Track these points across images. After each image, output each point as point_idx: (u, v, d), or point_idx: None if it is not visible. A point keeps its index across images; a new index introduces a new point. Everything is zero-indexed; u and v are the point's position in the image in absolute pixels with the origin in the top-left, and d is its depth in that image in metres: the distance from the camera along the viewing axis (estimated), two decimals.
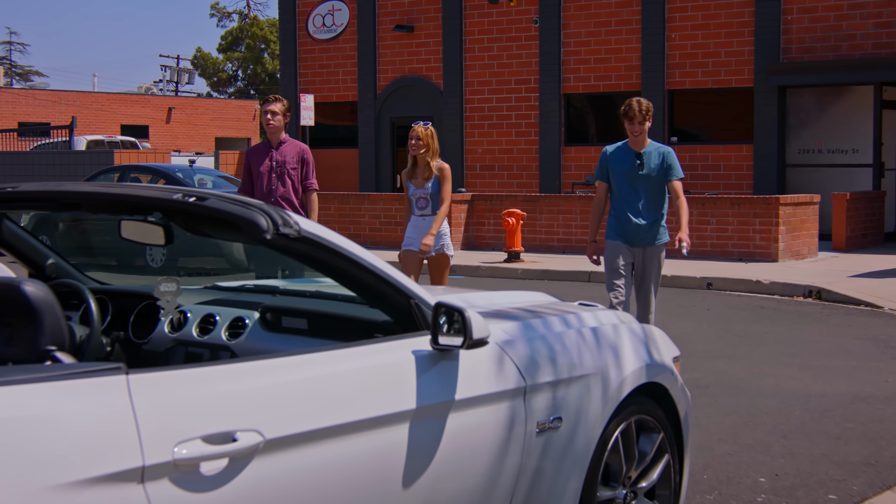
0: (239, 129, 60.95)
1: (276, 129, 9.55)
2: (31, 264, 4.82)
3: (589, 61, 26.02)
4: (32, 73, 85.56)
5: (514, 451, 3.85)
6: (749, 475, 6.27)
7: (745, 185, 24.05)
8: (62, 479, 2.54)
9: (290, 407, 3.14)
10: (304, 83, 30.03)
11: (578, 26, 26.12)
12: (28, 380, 2.64)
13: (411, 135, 9.13)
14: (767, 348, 10.74)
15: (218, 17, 77.48)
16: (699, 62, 24.63)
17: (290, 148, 9.58)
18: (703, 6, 24.67)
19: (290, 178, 9.49)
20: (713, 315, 13.01)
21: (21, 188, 4.07)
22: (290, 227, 3.37)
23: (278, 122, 9.50)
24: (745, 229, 18.56)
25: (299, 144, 9.62)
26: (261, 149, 9.67)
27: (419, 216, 9.36)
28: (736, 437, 7.15)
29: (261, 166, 9.51)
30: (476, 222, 21.37)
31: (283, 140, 9.59)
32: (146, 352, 4.55)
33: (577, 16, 26.17)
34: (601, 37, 25.87)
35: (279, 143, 9.57)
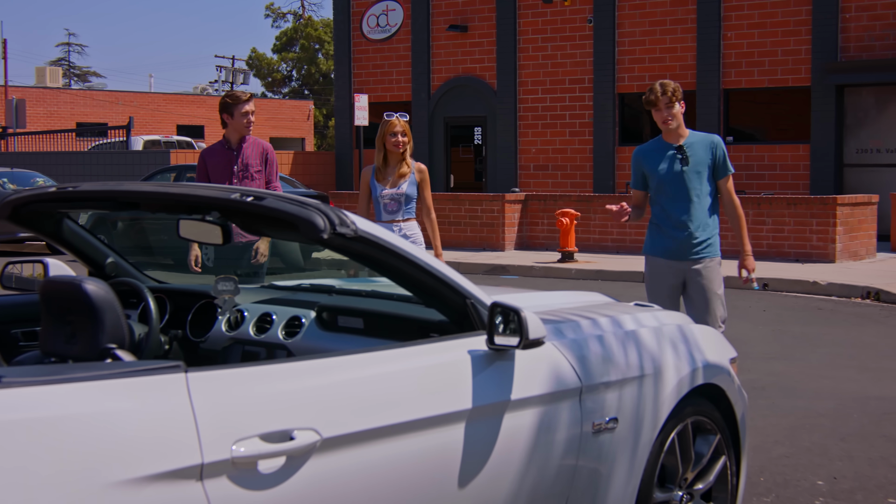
0: (293, 129, 61.28)
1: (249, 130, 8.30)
2: (91, 263, 4.88)
3: (643, 60, 25.89)
4: (90, 74, 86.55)
5: (570, 451, 3.84)
6: (807, 478, 6.21)
7: (802, 185, 23.82)
8: (123, 476, 2.57)
9: (346, 406, 3.15)
10: (357, 83, 30.12)
11: (633, 25, 26.00)
12: (90, 377, 2.67)
13: (392, 129, 7.79)
14: (825, 350, 10.63)
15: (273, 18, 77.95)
16: (755, 61, 24.43)
17: (253, 147, 8.28)
18: (759, 4, 24.47)
19: (253, 181, 8.31)
20: (769, 316, 12.90)
21: (81, 188, 4.11)
22: (346, 226, 3.38)
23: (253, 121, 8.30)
24: (801, 230, 18.38)
25: (262, 143, 8.38)
26: (218, 150, 8.30)
27: (387, 222, 8.01)
28: (793, 439, 7.08)
29: (221, 170, 8.18)
30: (529, 222, 21.33)
31: (243, 139, 8.26)
32: (203, 350, 4.58)
33: (631, 15, 26.05)
34: (656, 36, 25.73)
35: (240, 143, 8.24)
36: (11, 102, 32.71)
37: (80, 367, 2.89)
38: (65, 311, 3.17)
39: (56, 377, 2.64)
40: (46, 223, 4.57)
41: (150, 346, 4.23)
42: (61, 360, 3.26)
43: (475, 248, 21.07)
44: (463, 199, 21.71)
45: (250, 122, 8.17)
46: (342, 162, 30.68)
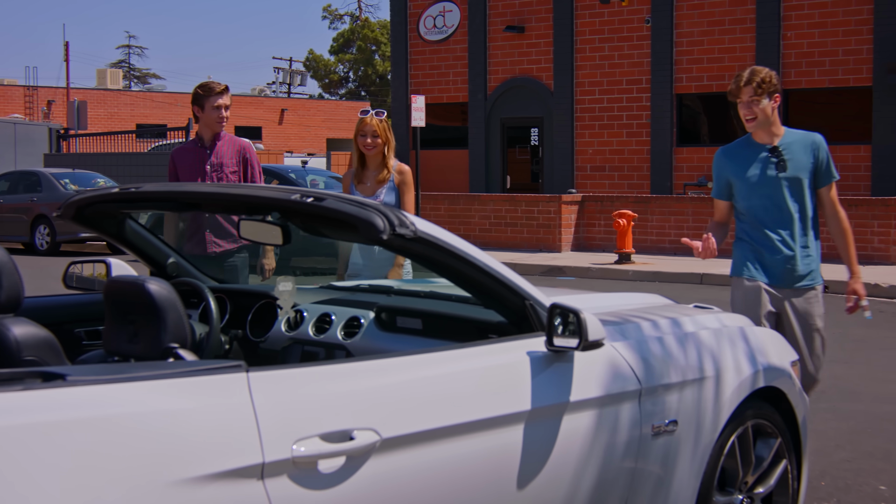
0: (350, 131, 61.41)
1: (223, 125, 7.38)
2: (153, 263, 4.93)
3: (702, 61, 25.72)
4: (150, 76, 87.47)
5: (629, 454, 3.82)
6: (868, 483, 6.13)
7: (863, 186, 23.54)
8: (185, 475, 2.59)
9: (406, 406, 3.15)
10: (414, 84, 30.18)
11: (691, 25, 25.83)
12: (153, 376, 2.70)
13: (363, 129, 6.92)
14: (886, 353, 10.49)
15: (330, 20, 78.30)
16: (815, 61, 24.18)
17: (228, 146, 7.34)
18: (819, 4, 24.22)
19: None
20: (829, 319, 12.71)
21: (144, 188, 4.16)
22: (406, 227, 3.39)
23: (227, 117, 7.32)
24: (862, 231, 18.15)
25: (239, 141, 7.43)
26: (190, 149, 7.39)
27: None
28: (855, 443, 7.00)
29: (192, 170, 7.31)
30: (586, 223, 21.26)
31: (217, 137, 7.32)
32: (263, 350, 4.61)
33: (689, 15, 25.88)
34: (714, 36, 25.55)
35: (213, 141, 7.30)
36: (73, 104, 33.12)
37: (144, 366, 2.91)
38: (128, 310, 3.21)
39: (120, 376, 2.67)
40: (109, 223, 4.63)
41: (211, 345, 4.26)
42: (124, 359, 3.29)
43: (531, 249, 21.03)
44: (519, 201, 21.68)
45: (223, 118, 7.24)
46: None
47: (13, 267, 3.62)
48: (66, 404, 2.49)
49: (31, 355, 3.48)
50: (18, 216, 22.76)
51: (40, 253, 22.01)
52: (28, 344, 3.49)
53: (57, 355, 3.56)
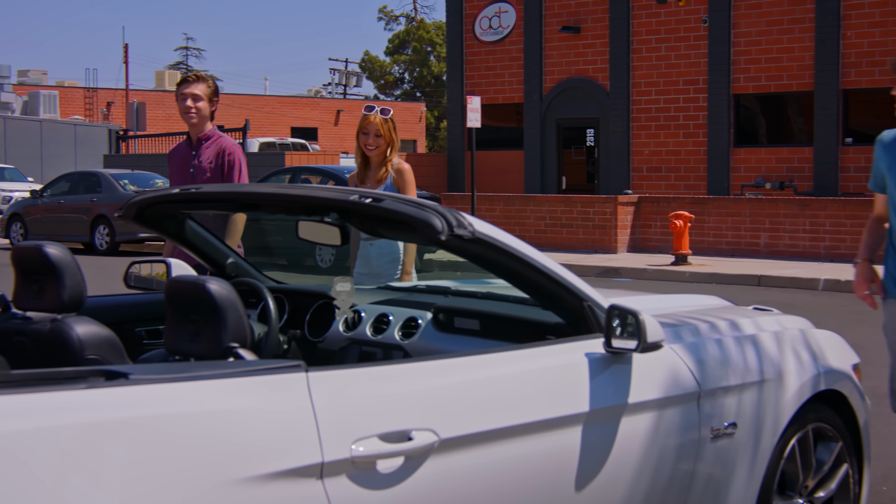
0: (405, 132, 61.63)
1: (199, 120, 6.57)
2: (212, 263, 4.96)
3: (760, 61, 25.50)
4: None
5: (688, 456, 3.79)
6: None
7: None
8: (245, 474, 2.60)
9: (464, 407, 3.15)
10: (470, 85, 30.18)
11: (749, 25, 25.62)
12: (214, 376, 2.72)
13: (366, 127, 6.52)
14: None
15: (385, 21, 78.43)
16: (876, 60, 23.87)
17: (212, 148, 6.60)
18: (880, 2, 23.93)
19: None
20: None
21: (204, 189, 4.19)
22: (464, 228, 3.39)
23: (202, 109, 6.53)
24: None
25: (223, 142, 6.62)
26: (181, 148, 6.81)
27: (364, 239, 6.65)
28: None
29: (179, 172, 6.71)
30: (642, 224, 21.15)
31: (205, 136, 6.62)
32: (321, 350, 4.63)
33: (747, 15, 25.67)
34: (772, 36, 25.32)
35: (199, 142, 6.63)
36: (132, 106, 33.48)
37: (205, 365, 2.93)
38: (189, 310, 3.23)
39: (181, 375, 2.69)
40: (170, 224, 4.67)
41: (270, 345, 4.29)
42: (184, 358, 3.32)
43: (587, 250, 20.96)
44: (575, 201, 21.61)
45: (189, 109, 6.50)
46: (454, 164, 30.77)
47: (76, 267, 3.67)
48: (129, 403, 2.52)
49: (93, 354, 3.53)
50: (79, 216, 23.03)
51: (100, 253, 22.26)
52: (91, 343, 3.54)
53: (119, 354, 3.61)
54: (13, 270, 3.75)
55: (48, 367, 3.28)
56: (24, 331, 3.71)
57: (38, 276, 3.66)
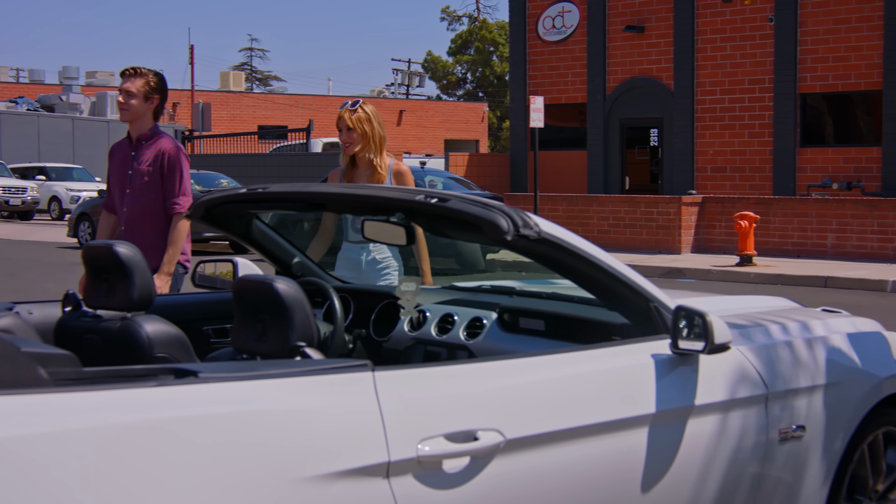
0: (468, 132, 61.66)
1: (134, 117, 6.07)
2: (279, 262, 5.00)
3: (827, 59, 25.19)
4: (272, 78, 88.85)
5: (755, 459, 3.76)
6: None
7: None
8: (313, 472, 2.62)
9: (530, 408, 3.15)
10: (533, 85, 30.13)
11: (816, 24, 25.32)
12: (282, 374, 2.74)
13: (338, 123, 6.11)
14: None
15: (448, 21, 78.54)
16: None
17: (150, 148, 6.10)
18: None
19: (144, 195, 6.08)
20: None
21: (271, 189, 4.22)
22: (530, 228, 3.38)
23: (136, 106, 6.03)
24: None
25: (162, 143, 6.11)
26: (122, 147, 6.27)
27: (354, 243, 6.09)
28: None
29: (117, 172, 6.22)
30: (707, 225, 20.98)
31: (144, 135, 6.11)
32: (386, 350, 4.64)
33: (814, 13, 25.37)
34: (840, 34, 25.00)
35: (139, 141, 6.14)
36: (198, 106, 33.81)
37: (273, 364, 2.96)
38: (257, 309, 3.25)
39: (250, 374, 2.72)
40: (237, 223, 4.71)
41: (335, 344, 4.31)
42: (252, 357, 3.34)
43: (650, 250, 20.84)
44: (639, 202, 21.50)
45: (121, 105, 6.06)
46: (517, 164, 30.74)
47: (145, 266, 3.71)
48: (199, 401, 2.55)
49: (162, 352, 3.57)
50: None
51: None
52: (160, 341, 3.58)
53: (187, 352, 3.64)
54: (84, 269, 3.80)
55: (118, 365, 3.32)
56: (95, 329, 3.76)
57: (108, 275, 3.70)
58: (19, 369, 2.45)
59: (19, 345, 2.56)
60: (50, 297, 5.13)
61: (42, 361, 2.53)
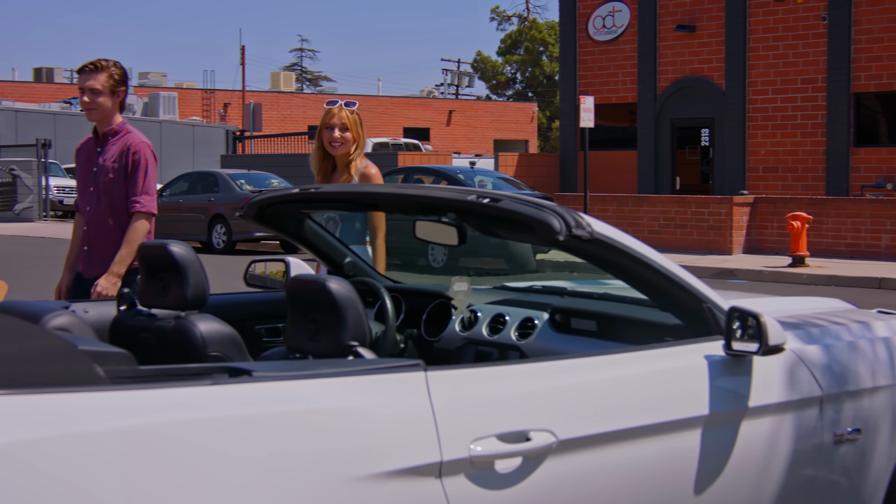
0: (517, 132, 61.59)
1: (102, 115, 5.76)
2: (330, 262, 5.01)
3: (881, 58, 24.91)
4: (322, 79, 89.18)
5: (809, 462, 3.72)
6: None
7: None
8: (365, 471, 2.63)
9: (582, 408, 3.14)
10: (583, 85, 30.05)
11: (871, 22, 25.05)
12: (336, 374, 2.75)
13: (329, 120, 5.81)
14: None
15: (498, 21, 78.48)
16: None
17: (117, 145, 5.79)
18: None
19: (109, 193, 5.75)
20: None
21: (323, 189, 4.24)
22: (582, 228, 3.37)
23: (103, 103, 5.71)
24: None
25: (130, 138, 5.79)
26: (88, 143, 5.99)
27: None
28: None
29: (84, 172, 5.93)
30: (758, 225, 20.82)
31: (111, 131, 5.81)
32: (437, 350, 4.65)
33: (868, 11, 25.10)
34: (895, 33, 24.71)
35: (105, 137, 5.83)
36: (249, 107, 34.06)
37: (326, 363, 2.97)
38: (310, 308, 3.26)
39: (303, 373, 2.73)
40: (289, 223, 4.73)
41: (387, 344, 4.32)
42: (304, 356, 3.36)
43: (701, 251, 20.71)
44: (689, 202, 21.38)
45: (87, 105, 5.72)
46: (566, 164, 30.68)
47: (199, 266, 3.74)
48: (254, 400, 2.56)
49: (215, 351, 3.59)
50: (197, 216, 23.45)
51: (217, 251, 22.64)
52: (213, 340, 3.60)
53: (240, 351, 3.66)
54: (139, 268, 3.83)
55: (172, 364, 3.35)
56: (150, 327, 3.79)
57: (162, 274, 3.73)
58: (77, 367, 2.48)
59: (76, 343, 2.59)
60: None
61: (99, 360, 2.56)
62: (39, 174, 33.30)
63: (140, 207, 5.66)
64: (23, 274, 17.61)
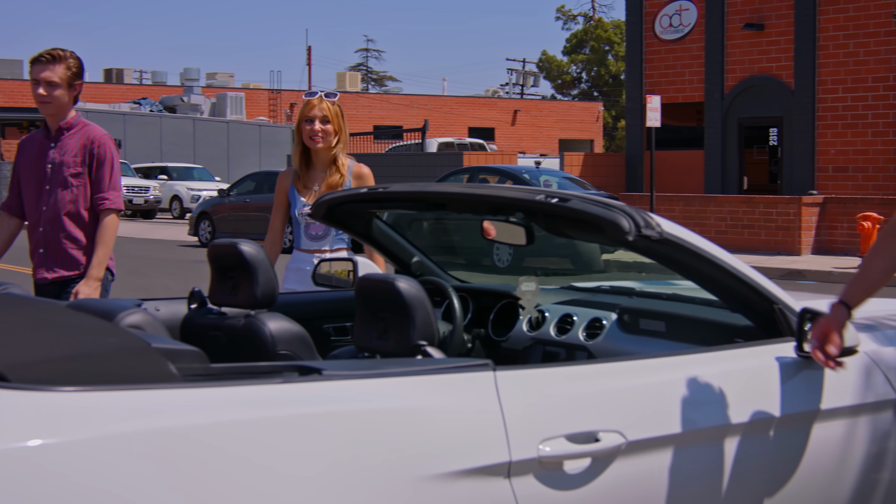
0: (582, 132, 61.37)
1: (58, 110, 5.46)
2: (398, 262, 5.03)
3: None
4: (387, 79, 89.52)
5: (882, 466, 3.67)
6: None
7: None
8: (434, 471, 2.63)
9: (651, 410, 3.12)
10: (649, 84, 29.87)
11: None
12: (405, 373, 2.76)
13: (309, 112, 5.49)
14: None
15: (563, 21, 78.29)
16: None
17: (75, 138, 5.48)
18: None
19: (70, 190, 5.45)
20: None
21: (392, 188, 4.25)
22: (652, 228, 3.35)
23: (60, 97, 5.41)
24: None
25: (90, 131, 5.50)
26: (36, 140, 5.61)
27: (307, 252, 5.56)
28: None
29: (32, 168, 5.55)
30: (828, 226, 20.56)
31: (66, 125, 5.49)
32: (504, 349, 4.64)
33: None
34: None
35: (60, 132, 5.50)
36: None
37: (396, 362, 2.98)
38: (379, 307, 3.28)
39: (373, 371, 2.74)
40: (357, 222, 4.75)
41: (455, 344, 4.32)
42: (373, 355, 3.37)
43: (769, 251, 20.50)
44: (757, 202, 21.17)
45: (43, 100, 5.38)
46: (633, 164, 30.52)
47: (269, 265, 3.77)
48: (324, 398, 2.57)
49: (285, 349, 3.61)
50: (263, 215, 23.61)
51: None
52: (282, 338, 3.63)
53: (309, 350, 3.68)
54: (210, 267, 3.87)
55: (242, 362, 3.38)
56: (220, 326, 3.82)
57: (233, 273, 3.76)
58: (150, 365, 2.50)
59: (150, 341, 2.62)
60: (172, 295, 5.15)
61: (172, 357, 2.58)
62: None
63: (109, 204, 5.45)
64: None
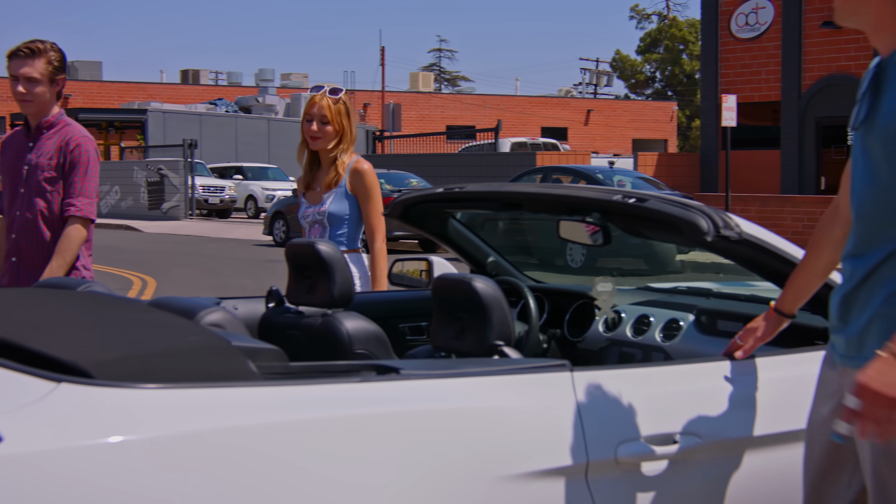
0: (656, 131, 60.96)
1: (40, 108, 5.03)
2: (473, 262, 5.03)
3: None
4: (459, 79, 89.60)
5: None
6: None
7: None
8: (511, 471, 2.63)
9: (729, 411, 3.09)
10: (724, 83, 29.59)
11: None
12: (482, 373, 2.76)
13: (310, 111, 5.14)
14: None
15: (637, 20, 77.85)
16: None
17: (53, 139, 5.04)
18: None
19: (44, 195, 5.00)
20: None
21: (467, 188, 4.26)
22: (731, 229, 3.32)
23: (42, 94, 4.98)
24: None
25: (69, 131, 5.04)
26: (17, 138, 5.20)
27: None
28: None
29: (11, 170, 5.13)
30: None
31: (46, 123, 5.06)
32: (580, 350, 4.62)
33: None
34: None
35: (39, 131, 5.08)
36: (388, 107, 34.39)
37: (473, 362, 2.98)
38: (455, 307, 3.28)
39: (451, 371, 2.74)
40: (433, 222, 4.76)
41: (531, 344, 4.31)
42: (449, 355, 3.37)
43: None
44: None
45: (23, 98, 4.97)
46: (707, 163, 30.24)
47: (345, 264, 3.79)
48: (402, 397, 2.58)
49: (361, 348, 3.63)
50: None
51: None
52: (359, 337, 3.64)
53: (385, 349, 3.70)
54: (287, 266, 3.90)
55: (319, 360, 3.40)
56: (297, 324, 3.85)
57: (310, 272, 3.79)
58: (231, 363, 2.53)
59: (231, 339, 2.65)
60: (247, 294, 5.14)
61: (252, 356, 2.60)
62: (186, 174, 34.21)
63: (75, 211, 4.94)
64: (170, 271, 18.10)
